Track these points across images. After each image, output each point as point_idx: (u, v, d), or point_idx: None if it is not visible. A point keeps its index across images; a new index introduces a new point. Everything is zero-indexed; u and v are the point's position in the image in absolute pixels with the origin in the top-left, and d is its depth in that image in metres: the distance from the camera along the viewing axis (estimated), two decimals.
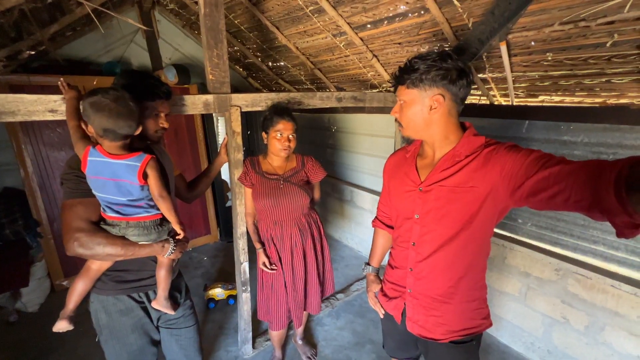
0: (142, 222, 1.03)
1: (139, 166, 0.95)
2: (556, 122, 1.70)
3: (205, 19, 1.36)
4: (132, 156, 0.95)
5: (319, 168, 1.65)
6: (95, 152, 0.94)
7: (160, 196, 1.00)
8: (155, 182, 0.99)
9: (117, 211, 1.00)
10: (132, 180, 0.96)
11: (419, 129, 0.93)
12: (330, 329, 2.24)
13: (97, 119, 0.89)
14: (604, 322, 1.62)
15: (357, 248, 3.37)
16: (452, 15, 1.47)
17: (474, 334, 1.03)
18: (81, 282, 1.06)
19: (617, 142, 1.53)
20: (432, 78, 0.85)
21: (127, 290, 1.13)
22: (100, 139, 0.94)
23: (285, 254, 1.59)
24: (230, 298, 2.47)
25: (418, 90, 0.88)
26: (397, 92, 0.94)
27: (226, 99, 1.50)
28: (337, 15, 1.83)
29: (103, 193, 0.97)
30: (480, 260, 1.00)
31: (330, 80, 2.83)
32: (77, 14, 2.18)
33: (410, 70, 0.87)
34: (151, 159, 0.97)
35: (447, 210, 0.93)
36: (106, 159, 0.94)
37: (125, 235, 1.02)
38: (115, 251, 1.00)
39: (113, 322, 1.14)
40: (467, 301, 1.01)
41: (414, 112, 0.90)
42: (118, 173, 0.95)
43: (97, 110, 0.88)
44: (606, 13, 1.15)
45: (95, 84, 2.58)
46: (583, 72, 1.47)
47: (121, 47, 3.01)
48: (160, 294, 1.15)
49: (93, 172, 0.95)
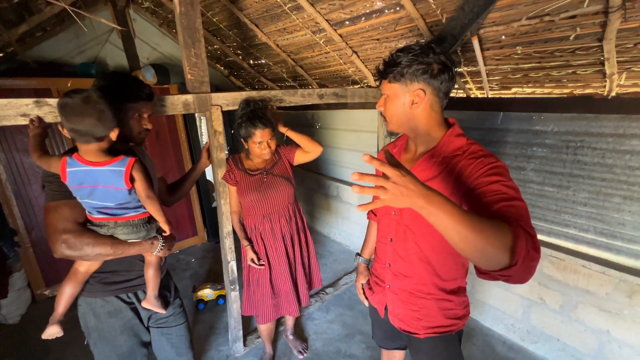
0: (131, 220, 1.02)
1: (124, 170, 0.94)
2: (528, 112, 1.78)
3: (182, 17, 1.35)
4: (115, 161, 0.94)
5: (289, 147, 1.66)
6: (74, 161, 0.92)
7: (147, 197, 1.00)
8: (141, 184, 0.98)
9: (105, 213, 0.99)
10: (119, 186, 0.95)
11: (401, 123, 0.93)
12: (321, 323, 2.27)
13: (65, 121, 0.87)
14: (577, 301, 1.72)
15: (345, 242, 3.41)
16: (426, 11, 1.51)
17: (447, 332, 1.04)
18: (69, 285, 1.05)
19: (583, 131, 1.61)
20: (413, 72, 0.84)
21: (115, 292, 1.12)
22: (78, 145, 0.92)
23: (278, 246, 1.61)
24: (219, 298, 2.47)
25: (400, 85, 0.87)
26: (381, 86, 0.94)
27: (206, 98, 1.49)
28: (315, 12, 1.85)
29: (90, 199, 0.96)
30: (456, 264, 1.00)
31: (312, 77, 2.84)
32: (47, 13, 2.10)
33: (393, 64, 0.87)
34: (135, 161, 0.96)
35: (419, 214, 0.95)
36: (87, 167, 0.91)
37: (114, 234, 1.01)
38: (105, 250, 0.99)
39: (102, 324, 1.13)
40: (442, 299, 1.02)
41: (397, 106, 0.90)
42: (103, 180, 0.93)
43: (64, 111, 0.86)
44: (568, 8, 1.22)
45: (69, 86, 2.50)
46: (551, 64, 1.54)
47: (96, 47, 2.92)
48: (150, 293, 1.15)
49: (75, 182, 0.93)
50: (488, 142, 1.98)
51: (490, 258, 0.61)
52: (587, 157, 1.63)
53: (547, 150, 1.76)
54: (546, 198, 1.81)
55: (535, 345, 1.94)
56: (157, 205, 1.03)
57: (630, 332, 1.55)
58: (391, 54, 0.89)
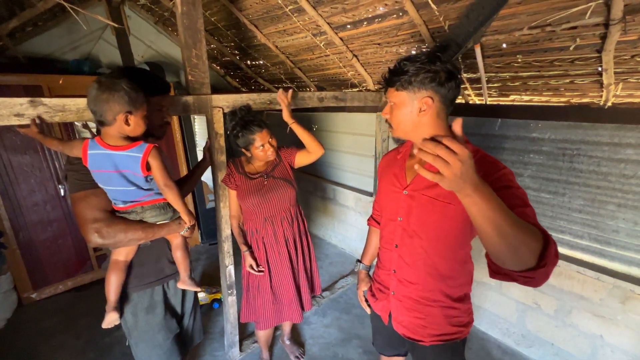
0: (157, 203, 1.05)
1: (141, 157, 0.94)
2: (526, 120, 1.80)
3: (183, 17, 1.32)
4: (133, 146, 0.95)
5: (290, 149, 1.63)
6: (95, 144, 0.94)
7: (165, 185, 1.00)
8: (159, 172, 0.98)
9: (129, 200, 0.99)
10: (136, 172, 0.96)
11: (407, 130, 0.94)
12: (317, 327, 2.26)
13: (87, 101, 0.91)
14: (571, 306, 1.75)
15: (340, 245, 3.41)
16: (430, 18, 1.52)
17: (452, 340, 1.04)
18: (113, 275, 1.07)
19: (580, 139, 1.64)
20: (420, 80, 0.85)
21: (149, 285, 1.16)
22: (102, 128, 0.94)
23: (281, 250, 1.59)
24: (214, 302, 2.43)
25: (407, 93, 0.88)
26: (387, 94, 0.95)
27: (206, 100, 1.47)
28: (317, 15, 1.84)
29: (110, 186, 0.97)
30: (463, 271, 1.01)
31: (310, 80, 2.83)
32: (39, 8, 2.04)
33: (400, 73, 0.87)
34: (153, 147, 0.96)
35: (427, 218, 0.95)
36: (106, 151, 0.93)
37: (142, 218, 1.04)
38: (137, 235, 1.02)
39: (140, 322, 1.15)
40: (447, 307, 1.02)
41: (404, 114, 0.91)
42: (120, 164, 0.94)
43: (88, 93, 0.90)
44: (569, 19, 1.23)
45: (61, 83, 2.43)
46: (549, 73, 1.56)
47: (89, 44, 2.85)
48: (183, 274, 1.21)
49: (95, 165, 0.95)
50: (485, 148, 1.99)
51: (520, 257, 0.62)
52: (582, 165, 1.66)
53: (544, 157, 1.78)
54: (542, 204, 1.84)
55: (530, 349, 1.96)
56: (176, 193, 1.03)
57: (623, 338, 1.59)
58: (398, 63, 0.90)
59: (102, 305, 1.10)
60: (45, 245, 2.52)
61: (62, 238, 2.59)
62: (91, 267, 2.78)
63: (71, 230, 2.63)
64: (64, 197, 2.57)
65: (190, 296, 1.39)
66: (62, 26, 2.62)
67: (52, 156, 2.47)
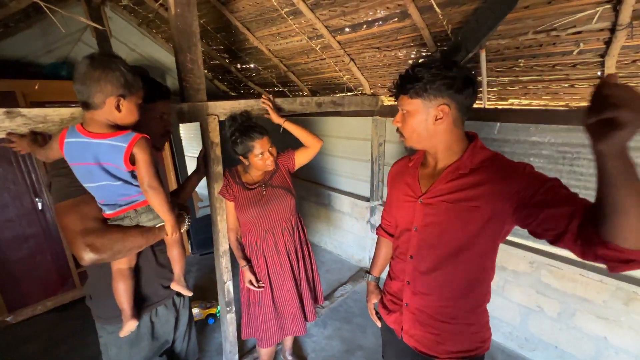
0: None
1: (125, 147, 0.78)
2: (525, 124, 1.81)
3: (177, 19, 1.23)
4: (118, 134, 0.79)
5: (286, 153, 1.56)
6: (74, 131, 0.79)
7: (149, 186, 0.83)
8: (145, 168, 0.81)
9: (118, 204, 0.86)
10: (118, 164, 0.80)
11: (422, 139, 0.90)
12: (319, 339, 2.19)
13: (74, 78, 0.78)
14: (574, 308, 1.75)
15: (336, 252, 3.35)
16: (433, 22, 1.49)
17: (471, 357, 0.99)
18: (121, 284, 0.97)
19: (580, 142, 1.66)
20: (437, 87, 0.81)
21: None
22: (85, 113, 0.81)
23: (283, 262, 1.51)
24: (209, 317, 2.31)
25: (422, 100, 0.84)
26: (398, 102, 0.90)
27: (202, 107, 1.38)
28: (315, 18, 1.78)
29: (92, 182, 0.82)
30: (482, 282, 0.96)
31: (304, 83, 2.76)
32: (12, 8, 1.88)
33: (414, 79, 0.83)
34: (142, 137, 0.81)
35: (446, 227, 0.90)
36: (86, 139, 0.78)
37: (138, 223, 0.91)
38: (137, 242, 0.90)
39: (122, 356, 1.05)
40: (465, 324, 0.97)
41: (418, 122, 0.87)
42: (101, 155, 0.79)
43: (76, 70, 0.77)
44: (575, 24, 1.23)
45: (37, 89, 2.26)
46: (550, 77, 1.56)
47: (66, 47, 2.67)
48: (178, 272, 1.11)
49: (72, 157, 0.80)
50: None
51: None
52: (583, 168, 1.67)
53: (544, 160, 1.79)
54: None
55: (533, 352, 1.96)
56: (162, 198, 0.86)
57: (627, 339, 1.60)
58: (411, 69, 0.86)
59: (86, 325, 1.01)
60: (21, 264, 2.33)
61: (40, 255, 2.41)
62: (73, 285, 2.59)
63: (50, 246, 2.45)
64: (42, 211, 2.39)
65: (184, 318, 1.28)
66: (36, 27, 2.44)
67: (29, 167, 2.29)
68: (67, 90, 2.41)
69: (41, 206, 2.38)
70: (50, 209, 2.43)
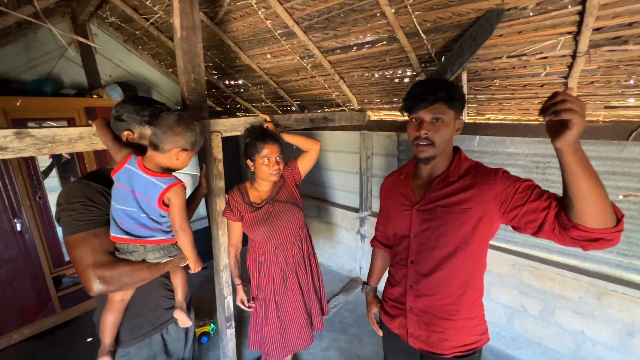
0: (161, 244, 0.99)
1: (164, 188, 0.90)
2: (501, 137, 1.98)
3: (182, 42, 1.28)
4: (162, 176, 0.92)
5: (289, 164, 1.63)
6: (134, 161, 0.91)
7: (181, 228, 0.95)
8: (178, 212, 0.94)
9: (129, 232, 0.91)
10: (151, 200, 0.91)
11: (447, 148, 1.00)
12: (316, 352, 2.19)
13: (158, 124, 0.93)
14: (554, 306, 1.89)
15: (327, 263, 3.38)
16: (419, 45, 1.63)
17: (475, 349, 1.07)
18: (110, 316, 0.99)
19: (550, 153, 1.84)
20: (460, 100, 0.93)
21: (146, 335, 1.09)
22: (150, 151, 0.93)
23: (291, 276, 1.54)
24: (202, 336, 2.26)
25: (454, 112, 0.95)
26: (428, 110, 0.94)
27: (205, 124, 1.41)
28: (308, 40, 1.88)
29: (123, 205, 0.91)
30: (478, 277, 1.05)
31: (294, 99, 2.85)
32: None
33: (451, 89, 0.93)
34: (180, 184, 0.93)
35: (443, 230, 0.99)
36: (139, 171, 0.90)
37: (145, 259, 0.97)
38: (143, 276, 0.96)
39: None
40: (467, 318, 1.04)
41: (449, 131, 0.96)
42: (138, 187, 0.90)
43: (161, 118, 0.92)
44: (542, 50, 1.40)
45: (19, 105, 2.19)
46: (522, 95, 1.74)
47: (49, 63, 2.61)
48: (180, 299, 1.13)
49: (120, 179, 0.91)
50: None
51: (606, 211, 0.70)
52: (554, 176, 1.85)
53: (520, 170, 1.96)
54: None
55: (519, 350, 2.08)
56: (189, 239, 0.98)
57: (602, 331, 1.75)
58: (441, 80, 0.96)
59: (66, 354, 1.00)
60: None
61: (18, 279, 2.27)
62: (53, 310, 2.45)
63: (29, 270, 2.32)
64: (21, 232, 2.27)
65: (190, 333, 1.29)
66: (17, 43, 2.39)
67: (7, 187, 2.18)
68: (50, 107, 2.35)
69: (20, 227, 2.27)
70: (30, 230, 2.32)
